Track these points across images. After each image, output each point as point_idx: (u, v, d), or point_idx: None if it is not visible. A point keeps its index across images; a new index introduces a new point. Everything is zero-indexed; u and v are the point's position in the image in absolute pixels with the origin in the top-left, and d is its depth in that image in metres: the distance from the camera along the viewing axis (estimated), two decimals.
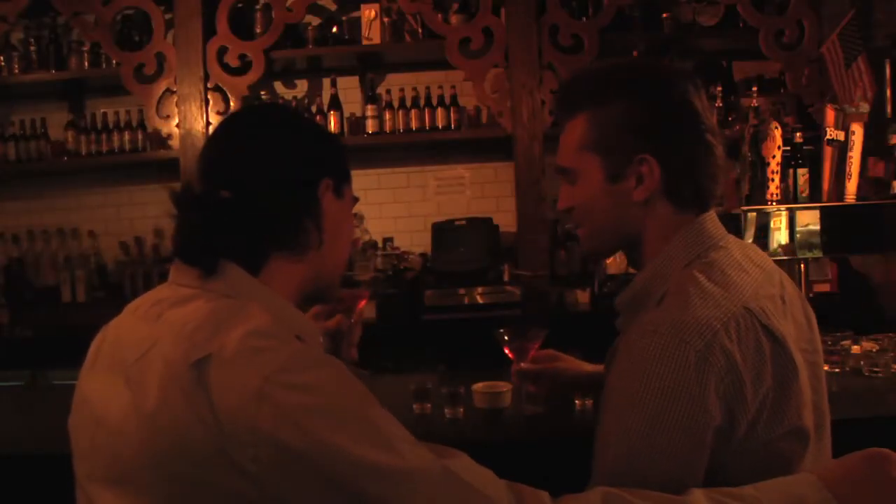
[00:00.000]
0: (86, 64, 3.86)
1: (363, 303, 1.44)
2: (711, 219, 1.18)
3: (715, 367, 1.00)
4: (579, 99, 1.21)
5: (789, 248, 2.04)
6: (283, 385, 0.85)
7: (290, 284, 1.05)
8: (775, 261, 2.04)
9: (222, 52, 3.69)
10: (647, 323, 1.05)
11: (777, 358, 1.05)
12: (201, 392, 0.85)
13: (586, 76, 1.25)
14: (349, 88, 4.01)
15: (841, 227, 2.07)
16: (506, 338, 1.58)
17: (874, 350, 1.92)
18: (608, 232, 1.21)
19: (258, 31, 3.73)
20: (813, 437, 1.10)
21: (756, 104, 2.28)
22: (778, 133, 2.04)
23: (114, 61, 3.75)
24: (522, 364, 1.57)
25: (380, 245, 3.91)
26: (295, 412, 0.84)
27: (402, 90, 3.89)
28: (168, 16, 3.72)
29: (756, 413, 1.02)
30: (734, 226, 2.08)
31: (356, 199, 1.18)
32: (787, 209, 2.04)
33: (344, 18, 3.90)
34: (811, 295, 2.15)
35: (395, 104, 3.85)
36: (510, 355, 1.59)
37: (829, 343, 1.98)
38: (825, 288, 3.29)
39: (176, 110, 3.71)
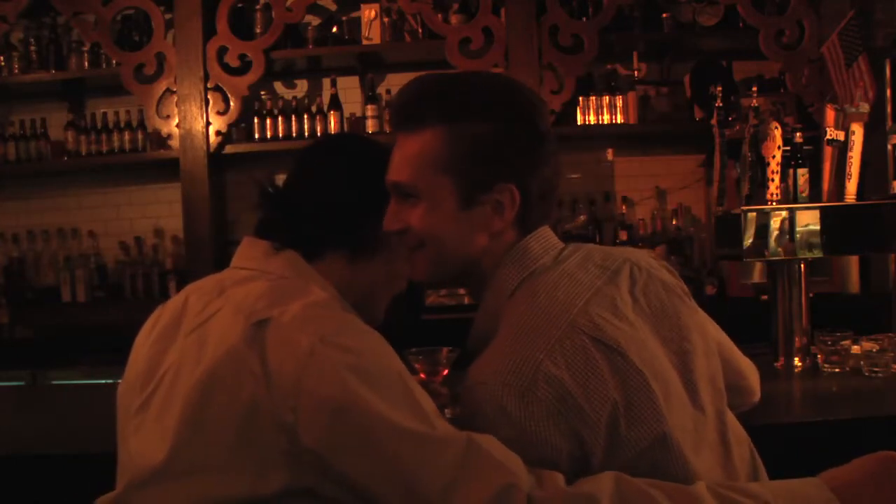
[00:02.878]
0: (86, 64, 3.86)
1: (445, 371, 1.57)
2: (537, 237, 1.11)
3: (543, 400, 0.95)
4: (432, 110, 1.08)
5: (789, 248, 2.04)
6: (335, 345, 0.92)
7: (338, 282, 1.12)
8: (775, 260, 2.07)
9: (222, 52, 3.69)
10: (472, 374, 1.00)
11: (617, 369, 0.99)
12: (256, 348, 0.92)
13: (439, 85, 1.13)
14: (349, 88, 4.01)
15: (841, 227, 2.06)
16: (420, 358, 1.58)
17: (874, 350, 1.92)
18: (452, 260, 1.11)
19: (258, 31, 3.73)
20: (689, 436, 1.03)
21: (756, 104, 2.28)
22: (778, 133, 2.03)
23: (114, 61, 3.75)
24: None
25: None
26: (341, 369, 0.90)
27: None
28: (168, 16, 3.72)
29: (608, 429, 0.96)
30: (734, 226, 2.08)
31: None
32: (787, 209, 2.03)
33: (344, 18, 3.90)
34: (811, 295, 2.14)
35: None
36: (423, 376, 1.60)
37: (829, 343, 1.98)
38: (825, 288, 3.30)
39: (176, 110, 3.71)
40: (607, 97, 3.78)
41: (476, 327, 1.14)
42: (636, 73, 3.88)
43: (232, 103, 3.72)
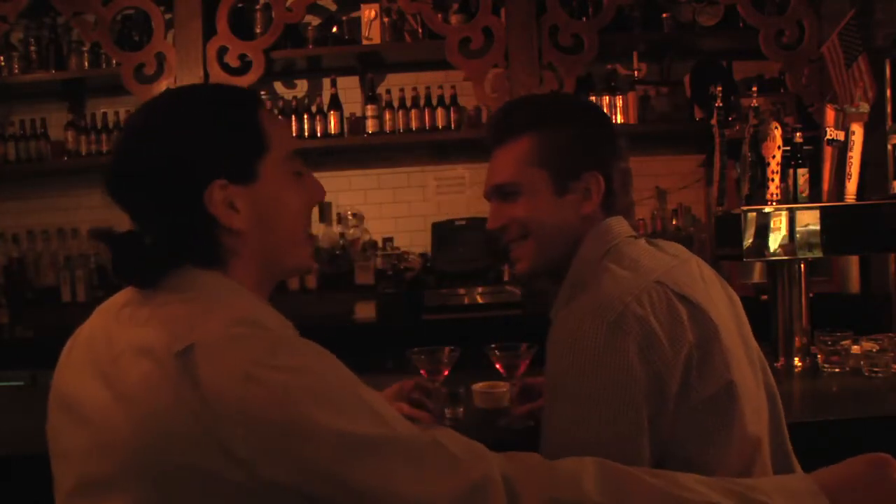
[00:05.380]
0: (86, 64, 3.86)
1: (446, 371, 1.60)
2: (618, 220, 1.27)
3: (630, 333, 1.05)
4: (522, 122, 1.27)
5: (789, 248, 2.04)
6: (271, 367, 0.85)
7: (245, 281, 1.01)
8: (775, 260, 2.07)
9: (222, 52, 3.69)
10: (564, 312, 1.13)
11: (695, 319, 1.10)
12: (187, 380, 0.84)
13: (526, 104, 1.37)
14: (349, 88, 4.01)
15: (841, 227, 2.07)
16: (497, 353, 1.60)
17: (874, 350, 1.92)
18: (554, 245, 1.26)
19: (258, 31, 3.73)
20: (751, 401, 1.14)
21: (756, 104, 2.27)
22: (778, 133, 2.03)
23: (114, 61, 3.75)
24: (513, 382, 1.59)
25: (380, 245, 3.91)
26: (284, 391, 0.84)
27: (402, 90, 3.89)
28: (168, 16, 3.72)
29: (684, 370, 1.06)
30: (734, 226, 2.08)
31: (298, 173, 1.05)
32: (787, 209, 2.03)
33: (344, 18, 3.90)
34: (811, 295, 2.14)
35: (395, 104, 3.85)
36: (501, 371, 1.61)
37: (830, 343, 1.98)
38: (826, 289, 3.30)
39: None
40: (607, 97, 3.78)
41: (560, 295, 1.25)
42: (636, 73, 3.88)
43: None
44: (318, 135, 3.82)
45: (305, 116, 3.85)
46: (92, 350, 0.96)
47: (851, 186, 2.08)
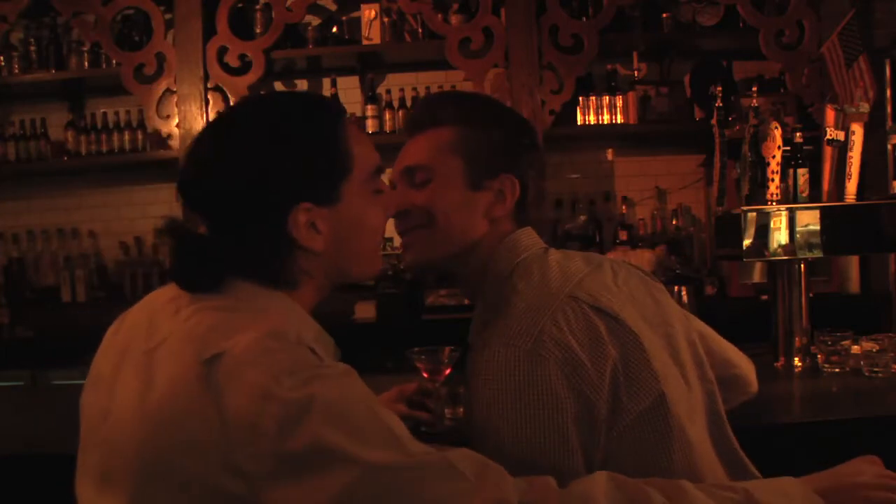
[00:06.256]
0: (86, 64, 3.86)
1: (447, 371, 1.57)
2: (527, 232, 1.21)
3: (549, 358, 1.00)
4: (447, 114, 1.22)
5: (789, 248, 2.04)
6: (291, 387, 0.83)
7: (306, 294, 1.02)
8: (775, 260, 2.07)
9: (222, 52, 3.69)
10: (481, 343, 1.06)
11: (614, 332, 1.05)
12: (209, 389, 0.84)
13: (453, 98, 1.34)
14: (349, 88, 4.01)
15: (841, 227, 2.07)
16: (423, 357, 1.59)
17: (874, 350, 1.92)
18: (453, 241, 1.19)
19: (258, 31, 3.73)
20: (683, 405, 1.09)
21: (756, 104, 2.27)
22: (778, 133, 2.03)
23: (114, 61, 3.75)
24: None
25: None
26: (300, 413, 0.82)
27: (402, 90, 3.89)
28: (168, 16, 3.72)
29: (611, 389, 1.02)
30: (734, 226, 2.08)
31: (378, 191, 1.07)
32: (787, 209, 2.03)
33: (344, 18, 3.90)
34: (811, 295, 2.14)
35: (395, 104, 3.85)
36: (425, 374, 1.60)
37: (830, 343, 1.98)
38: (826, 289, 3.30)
39: (176, 110, 3.71)
40: (607, 97, 3.78)
41: (477, 314, 1.19)
42: (636, 73, 3.88)
43: (232, 103, 3.71)
44: None
45: None
46: (134, 337, 0.97)
47: (851, 186, 2.09)
